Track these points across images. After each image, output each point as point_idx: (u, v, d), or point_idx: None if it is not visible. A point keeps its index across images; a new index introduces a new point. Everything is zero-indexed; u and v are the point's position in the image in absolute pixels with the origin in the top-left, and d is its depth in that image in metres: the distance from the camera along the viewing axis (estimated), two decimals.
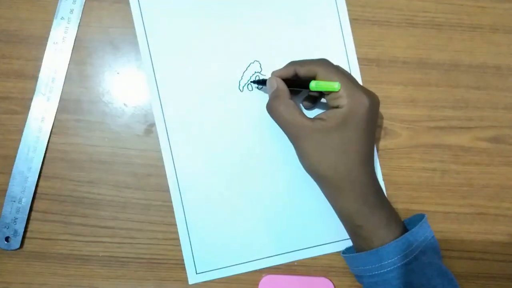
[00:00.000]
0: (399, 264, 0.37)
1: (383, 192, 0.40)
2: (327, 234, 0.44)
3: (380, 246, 0.37)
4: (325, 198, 0.41)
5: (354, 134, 0.37)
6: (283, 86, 0.40)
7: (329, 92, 0.38)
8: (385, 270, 0.37)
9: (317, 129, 0.37)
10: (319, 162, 0.38)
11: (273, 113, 0.39)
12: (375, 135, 0.41)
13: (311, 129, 0.37)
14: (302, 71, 0.39)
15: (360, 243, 0.39)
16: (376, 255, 0.37)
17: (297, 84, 0.40)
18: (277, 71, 0.41)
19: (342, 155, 0.37)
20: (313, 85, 0.37)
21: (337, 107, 0.37)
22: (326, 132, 0.37)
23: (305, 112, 0.41)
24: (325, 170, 0.38)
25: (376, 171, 0.44)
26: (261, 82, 0.43)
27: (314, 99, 0.43)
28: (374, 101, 0.38)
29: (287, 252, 0.44)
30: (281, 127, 0.39)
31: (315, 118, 0.38)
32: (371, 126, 0.38)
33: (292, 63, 0.40)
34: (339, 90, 0.36)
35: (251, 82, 0.44)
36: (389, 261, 0.37)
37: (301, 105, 0.44)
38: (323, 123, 0.37)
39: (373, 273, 0.38)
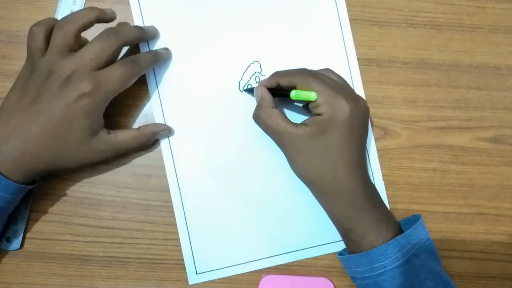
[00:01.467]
0: (390, 267, 0.36)
1: (377, 195, 0.40)
2: (327, 234, 0.44)
3: (370, 249, 0.37)
4: None
5: (336, 140, 0.37)
6: (266, 96, 0.40)
7: (308, 101, 0.38)
8: (376, 273, 0.37)
9: (300, 135, 0.38)
10: (305, 167, 0.39)
11: (258, 121, 0.40)
12: (365, 138, 0.41)
13: (294, 135, 0.38)
14: (283, 82, 0.39)
15: (351, 245, 0.39)
16: (366, 257, 0.37)
17: (281, 94, 0.40)
18: (262, 81, 0.42)
19: (326, 161, 0.38)
20: (293, 94, 0.38)
21: (318, 115, 0.37)
22: (309, 138, 0.37)
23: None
24: (311, 175, 0.39)
25: (376, 171, 0.45)
26: (251, 91, 0.43)
27: (306, 107, 0.43)
28: (358, 106, 0.38)
29: (287, 252, 0.44)
30: (267, 134, 0.40)
31: (300, 124, 0.38)
32: (357, 131, 0.38)
33: (275, 74, 0.41)
34: (317, 99, 0.37)
35: (243, 90, 0.44)
36: (380, 263, 0.37)
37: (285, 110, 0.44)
38: (306, 128, 0.38)
39: (364, 275, 0.38)
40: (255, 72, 0.44)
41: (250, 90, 0.44)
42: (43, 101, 0.36)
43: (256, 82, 0.44)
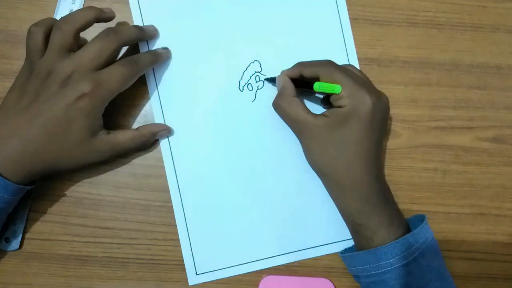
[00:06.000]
0: (397, 265, 0.36)
1: (389, 192, 0.40)
2: (328, 235, 0.44)
3: (380, 245, 0.37)
4: (325, 199, 0.41)
5: (355, 133, 0.37)
6: (288, 84, 0.40)
7: (331, 94, 0.38)
8: (383, 270, 0.37)
9: (319, 126, 0.38)
10: (321, 158, 0.39)
11: (277, 109, 0.40)
12: (383, 134, 0.40)
13: (313, 125, 0.38)
14: (307, 73, 0.39)
15: (361, 241, 0.39)
16: (374, 255, 0.37)
17: (303, 85, 0.40)
18: (285, 70, 0.42)
19: (343, 153, 0.38)
20: (317, 86, 0.37)
21: (339, 107, 0.37)
22: (328, 129, 0.37)
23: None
24: (327, 167, 0.39)
25: None
26: (273, 80, 0.43)
27: (327, 99, 0.43)
28: (380, 100, 0.38)
29: (287, 253, 0.44)
30: (286, 123, 0.40)
31: (320, 115, 0.38)
32: (376, 125, 0.38)
33: (298, 64, 0.41)
34: (341, 92, 0.37)
35: (265, 79, 0.44)
36: (387, 261, 0.37)
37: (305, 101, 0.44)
38: (326, 119, 0.38)
39: (371, 272, 0.38)
40: (255, 72, 0.44)
41: (272, 80, 0.43)
42: (42, 101, 0.36)
43: (256, 82, 0.44)
